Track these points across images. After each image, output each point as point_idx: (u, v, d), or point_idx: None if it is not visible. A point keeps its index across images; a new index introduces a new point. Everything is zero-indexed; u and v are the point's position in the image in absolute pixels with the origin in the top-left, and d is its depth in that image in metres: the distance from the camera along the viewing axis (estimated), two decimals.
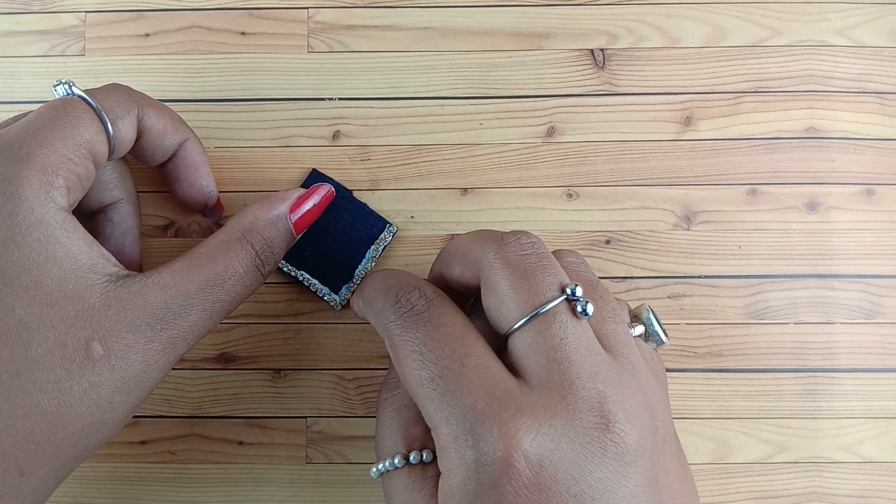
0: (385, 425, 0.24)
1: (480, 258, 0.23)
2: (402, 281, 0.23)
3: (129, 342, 0.23)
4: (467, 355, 0.21)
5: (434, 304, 0.22)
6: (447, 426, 0.20)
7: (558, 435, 0.20)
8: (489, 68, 0.31)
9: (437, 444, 0.21)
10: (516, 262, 0.22)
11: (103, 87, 0.26)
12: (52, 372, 0.22)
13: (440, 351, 0.21)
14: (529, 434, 0.20)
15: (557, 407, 0.20)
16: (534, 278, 0.22)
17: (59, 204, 0.23)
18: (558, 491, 0.19)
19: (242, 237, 0.26)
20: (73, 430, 0.22)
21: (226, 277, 0.25)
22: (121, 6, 0.31)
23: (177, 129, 0.27)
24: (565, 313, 0.21)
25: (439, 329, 0.21)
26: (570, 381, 0.20)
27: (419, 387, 0.21)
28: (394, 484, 0.23)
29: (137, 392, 0.24)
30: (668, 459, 0.22)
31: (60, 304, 0.22)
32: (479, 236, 0.23)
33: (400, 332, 0.22)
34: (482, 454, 0.20)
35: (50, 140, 0.23)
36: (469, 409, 0.20)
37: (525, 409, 0.20)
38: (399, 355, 0.22)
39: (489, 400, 0.20)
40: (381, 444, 0.24)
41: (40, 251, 0.22)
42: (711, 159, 0.31)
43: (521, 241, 0.22)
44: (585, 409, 0.20)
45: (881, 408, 0.30)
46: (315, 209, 0.28)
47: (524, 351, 0.21)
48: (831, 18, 0.31)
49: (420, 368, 0.21)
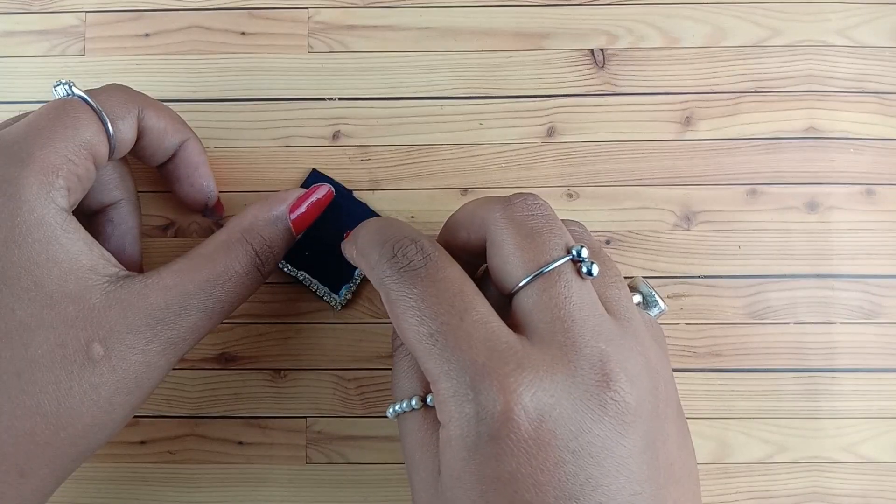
0: (402, 368, 0.24)
1: (486, 219, 0.23)
2: (398, 233, 0.23)
3: (130, 343, 0.23)
4: (466, 310, 0.21)
5: (431, 259, 0.22)
6: (447, 380, 0.20)
7: (559, 391, 0.20)
8: (489, 68, 0.31)
9: (437, 398, 0.21)
10: (522, 222, 0.22)
11: (103, 88, 0.26)
12: (53, 373, 0.22)
13: (438, 306, 0.21)
14: (530, 389, 0.20)
15: (559, 363, 0.20)
16: (539, 238, 0.22)
17: (59, 205, 0.23)
18: (557, 446, 0.20)
19: (242, 237, 0.26)
20: (73, 430, 0.22)
21: (226, 278, 0.25)
22: (121, 6, 0.31)
23: (177, 130, 0.27)
24: (570, 273, 0.21)
25: (437, 284, 0.21)
26: (572, 339, 0.20)
27: (418, 342, 0.21)
28: (409, 424, 0.23)
29: (137, 393, 0.24)
30: (668, 424, 0.22)
31: (61, 304, 0.22)
32: (485, 199, 0.24)
33: (396, 287, 0.21)
34: (482, 408, 0.20)
35: (50, 141, 0.23)
36: (469, 364, 0.20)
37: (526, 364, 0.20)
38: (396, 310, 0.21)
39: (489, 354, 0.20)
40: (399, 385, 0.24)
41: (41, 252, 0.22)
42: (711, 159, 0.31)
43: (528, 202, 0.22)
44: (587, 366, 0.20)
45: (881, 408, 0.30)
46: (314, 209, 0.28)
47: (528, 308, 0.21)
48: (831, 18, 0.31)
49: (418, 324, 0.21)
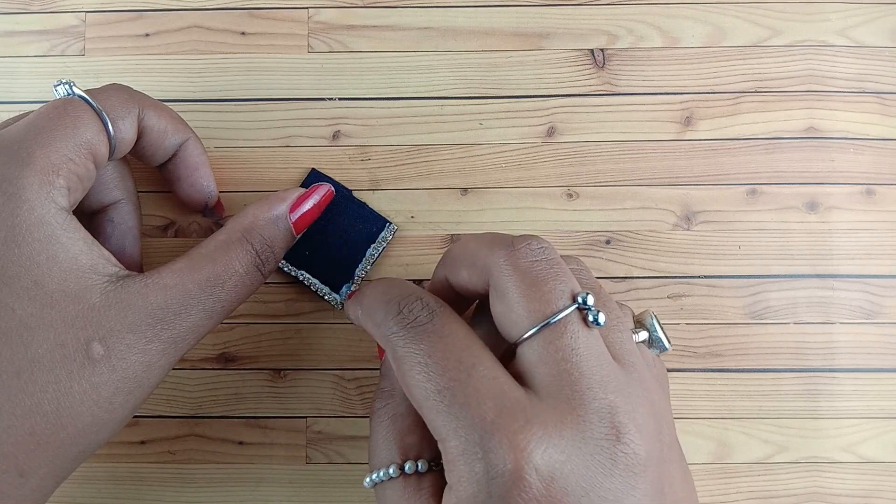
0: (380, 434, 0.24)
1: (490, 264, 0.22)
2: (402, 291, 0.23)
3: (130, 342, 0.23)
4: (474, 366, 0.20)
5: (437, 315, 0.22)
6: (455, 439, 0.20)
7: (569, 447, 0.20)
8: (489, 68, 0.31)
9: (445, 457, 0.20)
10: (527, 269, 0.21)
11: (104, 88, 0.26)
12: (53, 372, 0.22)
13: (446, 362, 0.20)
14: (540, 446, 0.19)
15: (568, 418, 0.20)
16: (545, 286, 0.21)
17: (59, 204, 0.23)
18: (569, 503, 0.19)
19: (243, 237, 0.26)
20: (73, 430, 0.22)
21: (226, 277, 0.25)
22: (121, 6, 0.31)
23: (177, 129, 0.27)
24: (576, 323, 0.21)
25: (444, 339, 0.21)
26: (580, 392, 0.20)
27: (425, 399, 0.20)
28: (388, 494, 0.22)
29: (137, 392, 0.24)
30: (673, 466, 0.21)
31: (61, 304, 0.22)
32: (488, 240, 0.23)
33: (403, 343, 0.21)
34: (492, 467, 0.19)
35: (51, 140, 0.23)
36: (478, 421, 0.19)
37: (535, 420, 0.20)
38: (403, 367, 0.21)
39: (498, 411, 0.20)
40: (376, 453, 0.23)
41: (41, 251, 0.22)
42: (711, 159, 0.31)
43: (532, 247, 0.22)
44: (596, 419, 0.20)
45: (881, 408, 0.30)
46: (315, 209, 0.28)
47: (533, 361, 0.21)
48: (831, 18, 0.31)
49: (426, 380, 0.20)
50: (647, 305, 0.30)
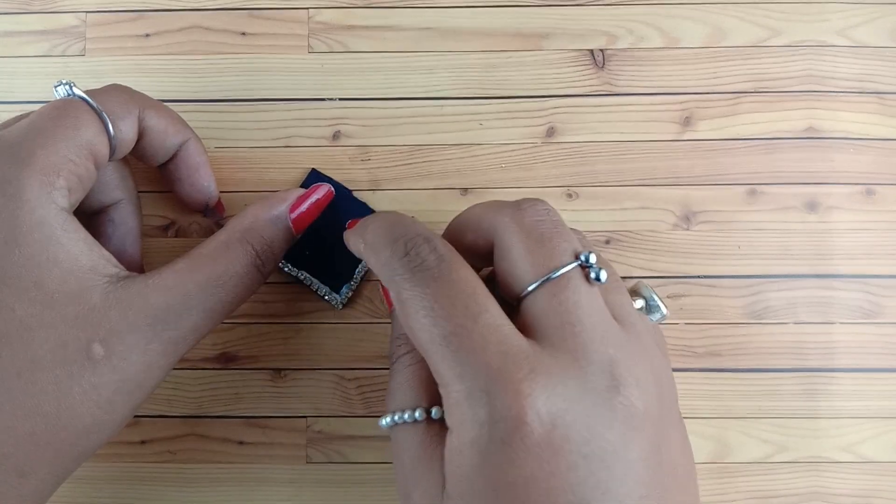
0: (405, 377, 0.23)
1: (495, 223, 0.23)
2: (410, 230, 0.22)
3: (130, 343, 0.23)
4: (480, 313, 0.21)
5: (445, 260, 0.21)
6: (460, 383, 0.20)
7: (571, 396, 0.20)
8: (489, 68, 0.31)
9: (447, 401, 0.21)
10: (532, 227, 0.22)
11: (104, 88, 0.26)
12: (53, 373, 0.22)
13: (453, 308, 0.21)
14: (543, 393, 0.20)
15: (570, 368, 0.20)
16: (549, 243, 0.22)
17: (60, 205, 0.23)
18: (569, 450, 0.20)
19: (243, 237, 0.26)
20: (73, 430, 0.22)
21: (226, 278, 0.25)
22: (121, 6, 0.31)
23: (178, 130, 0.27)
24: (579, 278, 0.21)
25: (451, 285, 0.21)
26: (582, 344, 0.21)
27: (430, 343, 0.21)
28: (408, 438, 0.22)
29: (138, 393, 0.24)
30: (671, 429, 0.22)
31: (61, 305, 0.22)
32: (493, 204, 0.24)
33: (409, 286, 0.21)
34: (495, 411, 0.19)
35: (51, 141, 0.23)
36: (483, 367, 0.20)
37: (539, 368, 0.20)
38: (408, 310, 0.21)
39: (503, 358, 0.20)
40: (398, 396, 0.23)
41: (41, 252, 0.22)
42: (711, 159, 0.31)
43: (538, 207, 0.23)
44: (597, 371, 0.20)
45: (881, 408, 0.30)
46: (314, 209, 0.28)
47: (537, 313, 0.21)
48: (831, 18, 0.31)
49: (432, 325, 0.21)
50: None
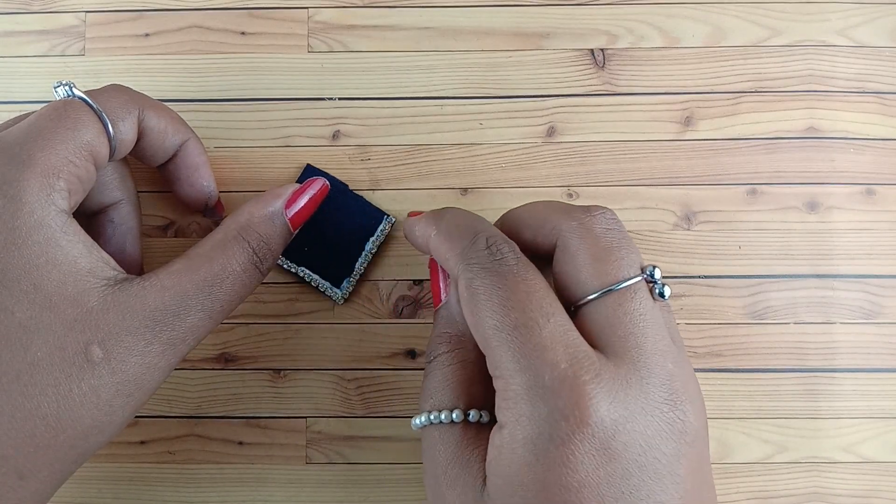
0: (444, 376, 0.24)
1: (562, 226, 0.23)
2: (490, 229, 0.23)
3: (129, 345, 0.23)
4: (553, 313, 0.21)
5: (521, 261, 0.22)
6: (522, 376, 0.20)
7: (632, 405, 0.20)
8: (489, 68, 0.31)
9: (503, 395, 0.21)
10: (600, 235, 0.22)
11: (104, 89, 0.26)
12: (52, 375, 0.22)
13: (528, 302, 0.21)
14: (607, 399, 0.20)
15: (633, 378, 0.20)
16: (617, 253, 0.22)
17: (59, 207, 0.23)
18: (626, 458, 0.20)
19: (239, 235, 0.26)
20: (72, 432, 0.22)
21: (224, 277, 0.25)
22: (121, 6, 0.31)
23: (177, 130, 0.27)
24: (644, 292, 0.22)
25: (527, 283, 0.21)
26: (645, 356, 0.21)
27: (498, 331, 0.21)
28: (444, 438, 0.23)
29: (137, 394, 0.24)
30: (707, 449, 0.22)
31: (60, 307, 0.22)
32: (560, 205, 0.24)
33: (485, 275, 0.22)
34: (557, 410, 0.20)
35: (51, 142, 0.23)
36: (549, 364, 0.20)
37: (604, 374, 0.20)
38: (478, 298, 0.21)
39: (571, 360, 0.20)
40: (434, 394, 0.23)
41: (40, 254, 0.22)
42: (711, 159, 0.31)
43: (607, 216, 0.23)
44: (657, 384, 0.21)
45: (881, 408, 0.30)
46: (311, 204, 0.28)
47: (600, 322, 0.21)
48: (831, 18, 0.31)
49: (503, 314, 0.21)
50: None
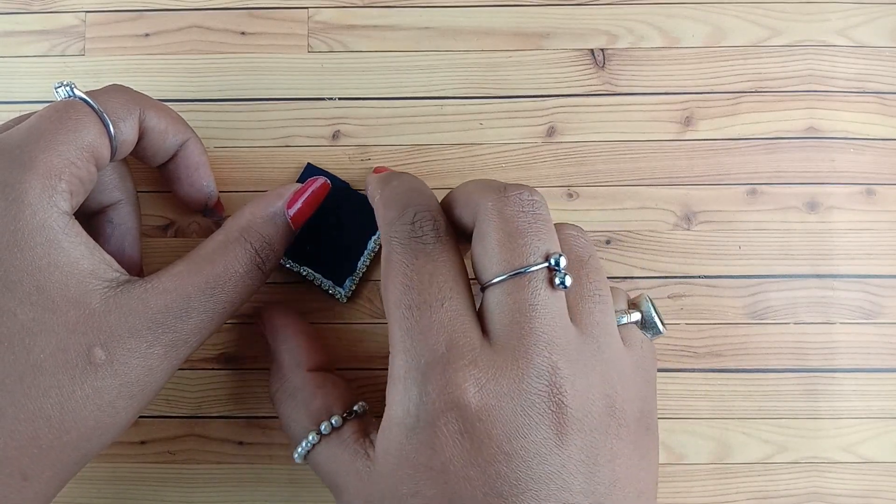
0: (287, 413, 0.26)
1: (479, 205, 0.23)
2: (423, 204, 0.23)
3: (131, 347, 0.23)
4: (449, 298, 0.22)
5: (440, 241, 0.23)
6: (404, 356, 0.21)
7: (502, 394, 0.21)
8: (489, 68, 0.31)
9: (390, 372, 0.22)
10: (510, 218, 0.22)
11: (104, 89, 0.25)
12: (55, 377, 0.22)
13: (429, 285, 0.22)
14: (475, 386, 0.21)
15: (508, 368, 0.21)
16: (522, 239, 0.22)
17: (61, 208, 0.23)
18: (490, 445, 0.20)
19: (241, 236, 0.26)
20: (76, 434, 0.22)
21: (226, 278, 0.25)
22: (121, 6, 0.31)
23: (178, 130, 0.27)
24: (541, 281, 0.22)
25: (435, 263, 0.22)
26: (525, 347, 0.21)
27: (396, 308, 0.22)
28: (319, 460, 0.24)
29: (140, 396, 0.24)
30: (619, 443, 0.22)
31: (62, 309, 0.22)
32: (484, 183, 0.24)
33: (401, 249, 0.23)
34: (425, 393, 0.21)
35: (53, 144, 0.23)
36: (428, 349, 0.21)
37: (479, 363, 0.21)
38: (391, 271, 0.22)
39: (450, 346, 0.21)
40: (290, 430, 0.26)
41: (42, 256, 0.22)
42: (711, 159, 0.31)
43: (522, 197, 0.23)
44: (534, 375, 0.21)
45: (881, 408, 0.30)
46: (312, 201, 0.28)
47: (492, 307, 0.22)
48: (831, 18, 0.31)
49: (404, 292, 0.22)
50: None
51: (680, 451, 0.30)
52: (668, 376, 0.30)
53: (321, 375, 0.27)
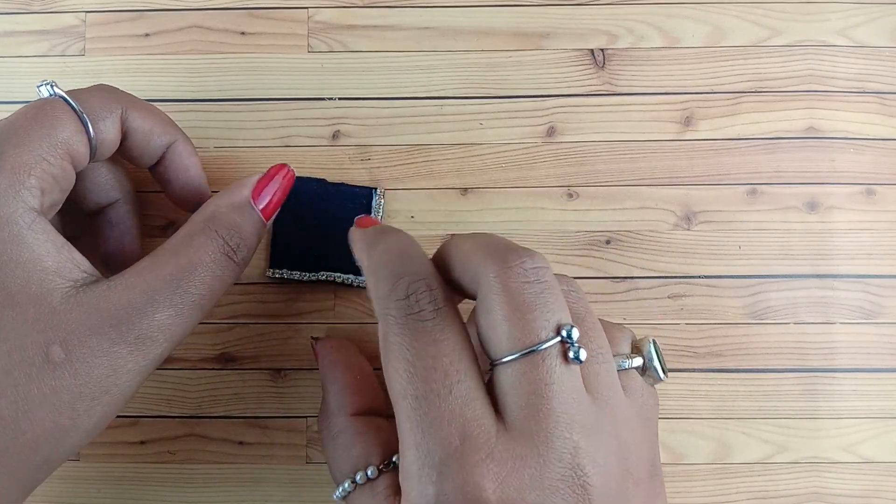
0: (329, 454, 0.25)
1: (480, 276, 0.21)
2: (416, 271, 0.22)
3: (92, 345, 0.22)
4: (458, 382, 0.20)
5: (440, 314, 0.21)
6: (416, 452, 0.20)
7: (524, 486, 0.19)
8: (489, 68, 0.31)
9: (402, 465, 0.20)
10: (516, 291, 0.21)
11: (88, 88, 0.25)
12: (11, 376, 0.21)
13: (433, 370, 0.20)
14: (494, 482, 0.19)
15: (528, 456, 0.20)
16: (531, 314, 0.20)
17: (28, 204, 0.22)
18: None
19: (206, 227, 0.25)
20: (32, 435, 0.22)
21: (191, 269, 0.24)
22: (121, 6, 0.31)
23: (164, 131, 0.27)
24: (555, 357, 0.20)
25: (437, 345, 0.20)
26: (545, 431, 0.20)
27: (402, 398, 0.20)
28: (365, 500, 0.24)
29: (105, 398, 0.23)
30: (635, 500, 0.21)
31: (21, 305, 0.22)
32: (483, 249, 0.22)
33: (398, 330, 0.21)
34: (442, 493, 0.19)
35: (25, 140, 0.23)
36: (441, 444, 0.19)
37: (496, 455, 0.19)
38: (390, 356, 0.21)
39: (463, 437, 0.19)
40: (332, 472, 0.25)
41: (4, 251, 0.22)
42: (711, 159, 0.31)
43: (526, 266, 0.21)
44: (556, 459, 0.20)
45: (881, 408, 0.30)
46: (279, 190, 0.27)
47: (506, 388, 0.20)
48: (831, 18, 0.31)
49: (407, 382, 0.20)
50: (647, 305, 0.30)
51: (680, 451, 0.30)
52: (668, 376, 0.30)
53: (365, 421, 0.25)
